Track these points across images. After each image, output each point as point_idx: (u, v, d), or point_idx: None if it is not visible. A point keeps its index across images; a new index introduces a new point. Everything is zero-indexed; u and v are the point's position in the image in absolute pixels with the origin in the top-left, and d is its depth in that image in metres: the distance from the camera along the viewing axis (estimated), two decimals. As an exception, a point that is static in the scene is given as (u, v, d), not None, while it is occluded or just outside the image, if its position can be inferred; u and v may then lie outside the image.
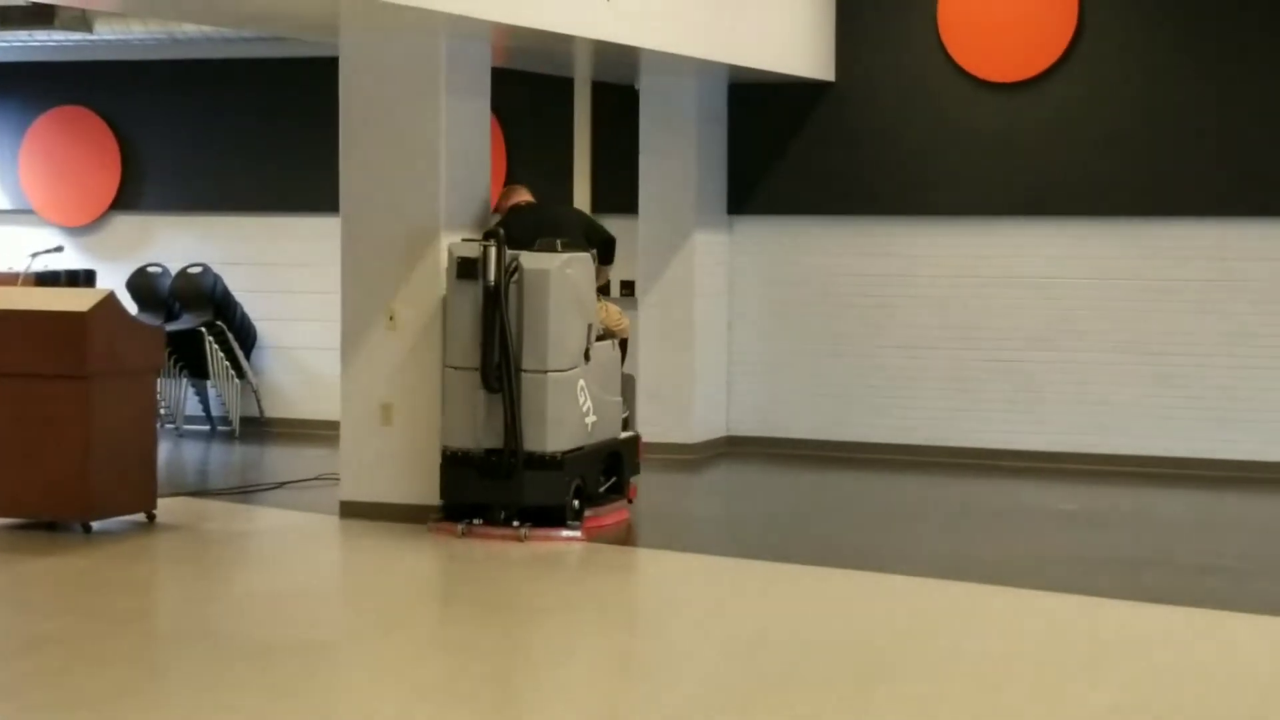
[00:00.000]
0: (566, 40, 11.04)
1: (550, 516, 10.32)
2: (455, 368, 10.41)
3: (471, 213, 10.99)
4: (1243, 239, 12.90)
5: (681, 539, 10.83)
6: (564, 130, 14.36)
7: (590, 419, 10.48)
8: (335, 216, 11.06)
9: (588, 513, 10.52)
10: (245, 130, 15.15)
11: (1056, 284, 13.32)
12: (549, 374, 10.25)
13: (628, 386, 11.25)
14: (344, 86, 10.95)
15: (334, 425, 11.20)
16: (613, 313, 11.15)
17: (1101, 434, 13.20)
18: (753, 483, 12.66)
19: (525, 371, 10.25)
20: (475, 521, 10.34)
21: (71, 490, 10.20)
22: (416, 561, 10.06)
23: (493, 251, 10.20)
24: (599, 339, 10.67)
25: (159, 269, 15.14)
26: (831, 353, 13.73)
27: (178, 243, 15.24)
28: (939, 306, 13.59)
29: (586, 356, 10.44)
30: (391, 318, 10.84)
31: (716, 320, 13.95)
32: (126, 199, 15.44)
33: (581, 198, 14.36)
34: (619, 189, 14.12)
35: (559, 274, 10.28)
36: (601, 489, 10.72)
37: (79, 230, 15.59)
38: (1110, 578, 9.55)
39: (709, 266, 13.83)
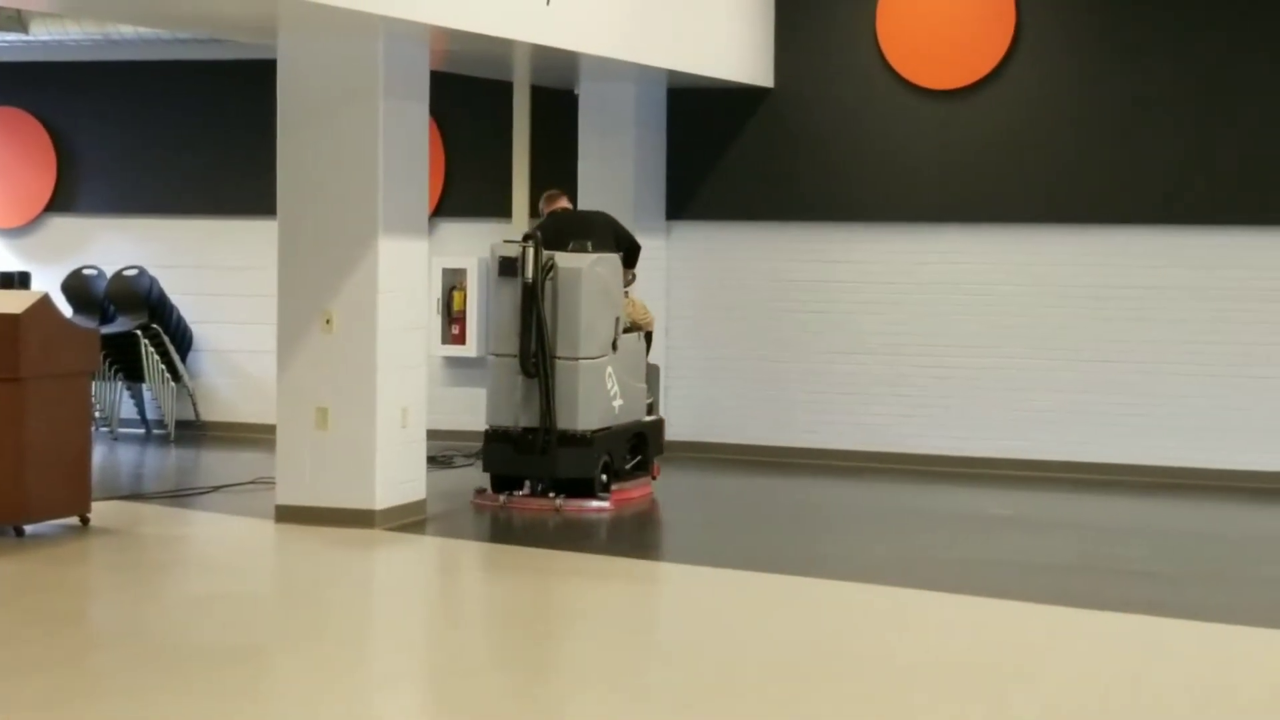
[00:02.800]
0: (505, 44, 11.04)
1: (580, 489, 11.42)
2: (497, 355, 11.56)
3: (410, 216, 10.99)
4: (1176, 246, 13.01)
5: (614, 544, 10.84)
6: (503, 134, 14.36)
7: (617, 402, 11.63)
8: (272, 219, 11.03)
9: (615, 486, 11.61)
10: (182, 133, 15.08)
11: (992, 290, 13.40)
12: (580, 361, 11.39)
13: (652, 375, 12.34)
14: (281, 89, 10.92)
15: (270, 429, 11.16)
16: (639, 307, 12.31)
17: (1036, 440, 13.28)
18: (688, 487, 12.67)
19: (559, 359, 11.37)
20: (518, 493, 11.51)
21: (5, 493, 10.13)
22: (352, 564, 10.04)
23: (530, 252, 11.32)
24: (626, 331, 11.81)
25: (94, 271, 15.05)
26: (769, 358, 13.77)
27: (114, 245, 15.16)
28: (876, 313, 13.65)
29: (614, 346, 11.60)
30: (329, 321, 10.81)
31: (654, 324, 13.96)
32: (62, 201, 15.36)
33: (520, 201, 14.36)
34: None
35: (590, 272, 11.43)
36: (628, 466, 11.82)
37: (14, 232, 15.50)
38: (1043, 583, 9.61)
39: (646, 271, 13.82)
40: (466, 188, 14.66)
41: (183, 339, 14.89)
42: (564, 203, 12.44)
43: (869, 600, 9.25)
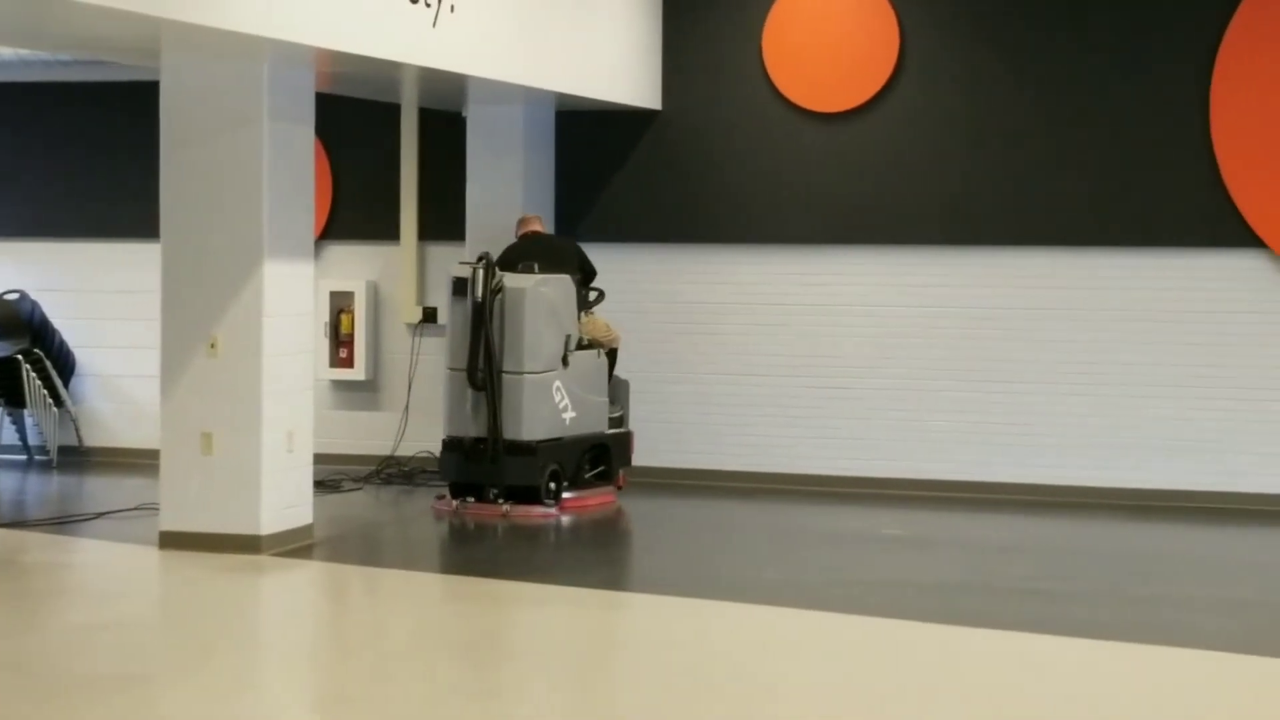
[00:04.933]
0: (392, 67, 10.99)
1: (529, 496, 12.06)
2: (452, 369, 12.24)
3: (295, 239, 10.91)
4: (1061, 267, 13.15)
5: (510, 567, 10.80)
6: (391, 156, 14.31)
7: (569, 415, 12.28)
8: (157, 243, 10.92)
9: (572, 494, 12.32)
10: (63, 155, 14.91)
11: (881, 311, 13.49)
12: (524, 375, 12.06)
13: (621, 390, 13.04)
14: (164, 111, 10.82)
15: (155, 454, 11.03)
16: (599, 326, 12.88)
17: (926, 459, 13.38)
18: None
19: (505, 373, 12.03)
20: (469, 500, 12.14)
21: (-119, 522, 9.95)
22: (237, 591, 9.94)
23: (480, 273, 11.99)
24: (583, 348, 12.47)
25: (-25, 296, 14.84)
26: (662, 380, 13.77)
27: (-6, 269, 14.96)
28: (767, 334, 13.70)
29: (565, 362, 12.21)
30: (213, 345, 10.71)
31: (544, 347, 13.96)
32: (-59, 224, 15.13)
33: (408, 224, 14.31)
34: (446, 216, 14.08)
35: (534, 292, 12.10)
36: (587, 476, 12.51)
37: (-108, 256, 15.24)
38: (933, 602, 9.67)
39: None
40: (354, 210, 14.58)
41: (65, 364, 14.70)
42: (535, 226, 12.98)
43: (759, 621, 9.25)
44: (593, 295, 12.97)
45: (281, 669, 8.47)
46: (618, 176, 13.98)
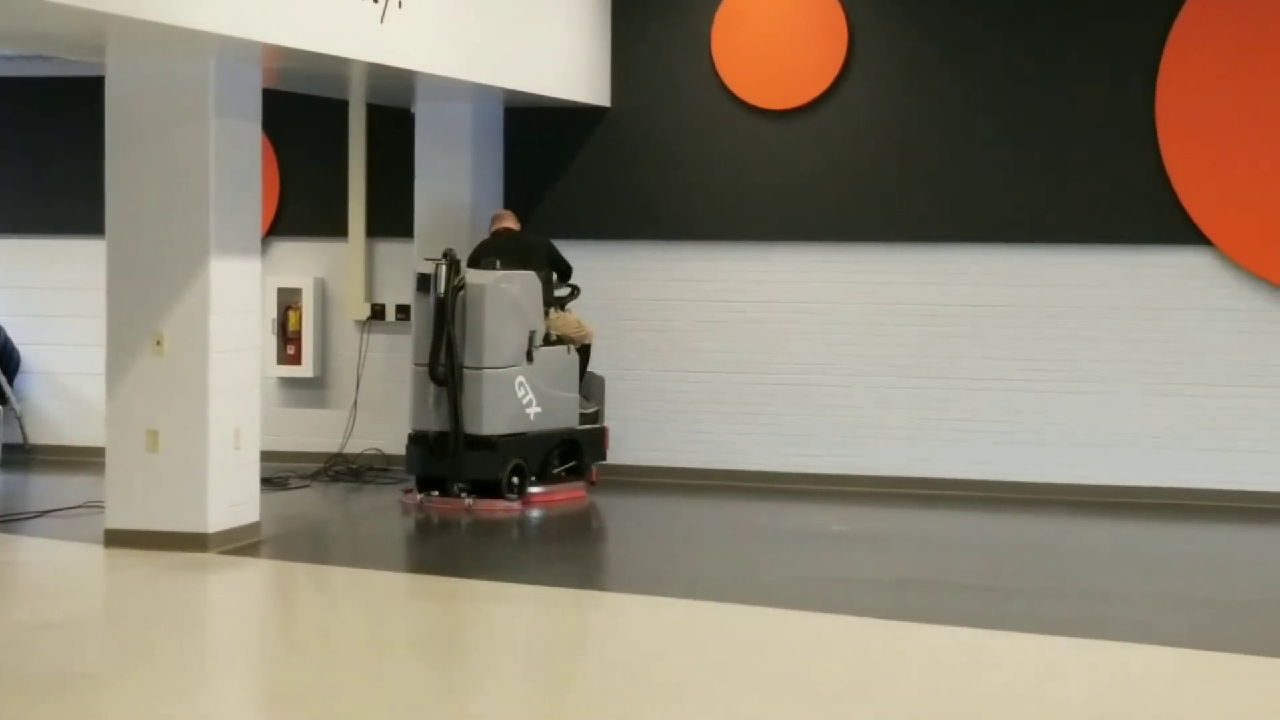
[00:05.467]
0: (339, 63, 10.95)
1: (493, 490, 12.17)
2: (417, 365, 12.38)
3: (242, 235, 10.86)
4: (1008, 264, 13.20)
5: (458, 564, 10.79)
6: (339, 153, 14.26)
7: (534, 410, 12.36)
8: (103, 239, 10.85)
9: (542, 489, 12.48)
10: (7, 151, 14.81)
11: (827, 308, 13.52)
12: (484, 370, 12.16)
13: (596, 385, 13.16)
14: (110, 107, 10.76)
15: (100, 452, 10.97)
16: (570, 322, 12.92)
17: (873, 456, 13.41)
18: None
19: (467, 368, 12.11)
20: (434, 494, 12.29)
21: None
22: (183, 589, 9.90)
23: (443, 269, 12.12)
24: (553, 344, 12.58)
25: (-82, 292, 14.73)
26: (609, 376, 13.76)
27: (-62, 266, 14.86)
28: (714, 331, 13.71)
29: (530, 358, 12.24)
30: (159, 342, 10.66)
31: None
32: (-115, 220, 15.00)
33: (356, 221, 14.27)
34: (395, 212, 14.05)
35: (494, 288, 12.22)
36: (556, 470, 12.62)
37: None
38: (879, 598, 9.70)
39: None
40: (302, 207, 14.53)
41: (10, 361, 14.60)
42: (507, 223, 13.10)
43: (706, 617, 9.26)
44: (566, 291, 13.09)
45: (227, 667, 8.44)
46: (566, 173, 13.97)
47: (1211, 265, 12.88)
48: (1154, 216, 12.90)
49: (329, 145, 14.29)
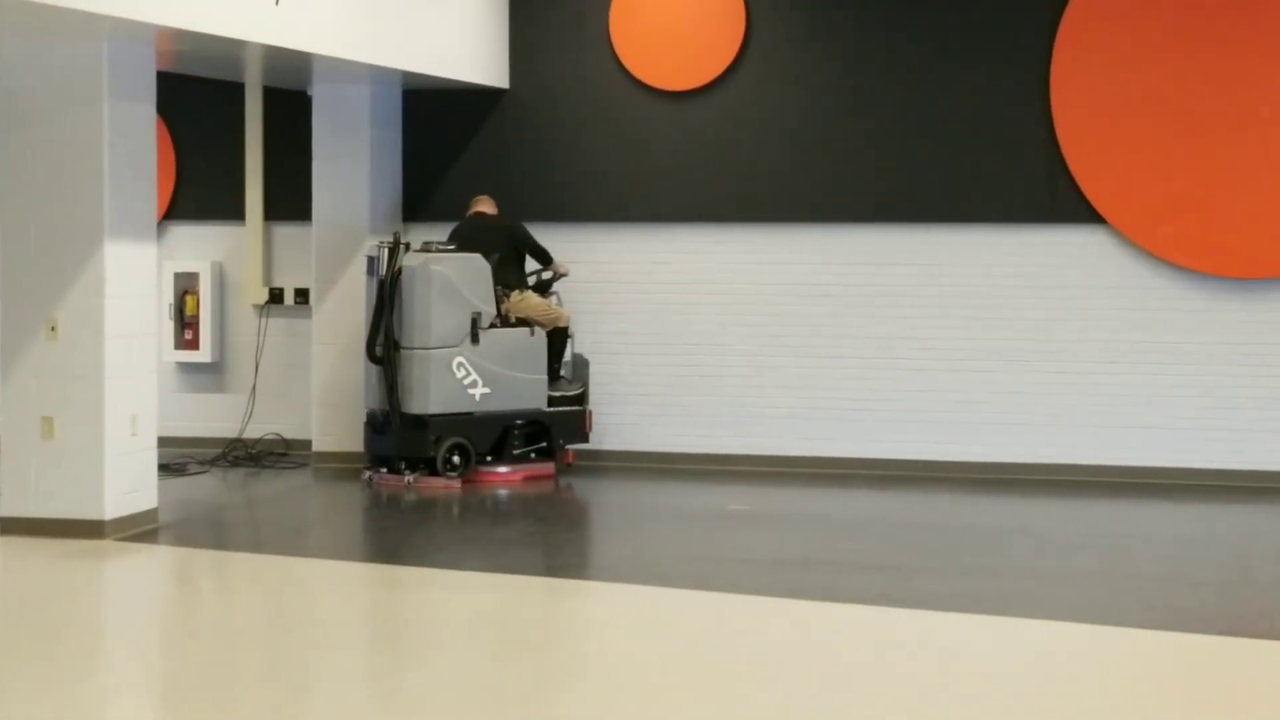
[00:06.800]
0: (234, 45, 10.87)
1: (433, 468, 12.50)
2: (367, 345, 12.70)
3: (137, 219, 10.77)
4: (903, 243, 13.30)
5: (355, 548, 10.76)
6: (236, 135, 14.17)
7: (479, 391, 12.59)
8: (-7, 224, 10.74)
9: (507, 469, 12.76)
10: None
11: (725, 288, 13.57)
12: (415, 350, 12.47)
13: (580, 367, 13.36)
14: (0, 91, 10.63)
15: (-6, 439, 10.86)
16: (533, 304, 13.01)
17: (772, 435, 13.48)
18: (430, 489, 12.61)
19: (404, 348, 12.44)
20: (382, 471, 12.61)
21: None
22: (80, 577, 9.82)
23: (385, 252, 12.53)
24: (515, 325, 12.82)
25: None
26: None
27: None
28: (616, 313, 13.73)
29: (475, 339, 12.47)
30: (53, 328, 10.56)
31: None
32: None
33: (254, 204, 14.18)
34: (293, 196, 13.98)
35: (424, 270, 12.50)
36: (518, 451, 12.83)
37: None
38: (777, 577, 9.76)
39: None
40: (198, 190, 14.42)
41: (-98, 347, 14.39)
42: (481, 208, 13.30)
43: (605, 598, 9.29)
44: (547, 275, 13.22)
45: (124, 655, 8.38)
46: (465, 155, 13.94)
47: (1105, 243, 13.02)
48: (1049, 196, 13.03)
49: (225, 128, 14.19)
